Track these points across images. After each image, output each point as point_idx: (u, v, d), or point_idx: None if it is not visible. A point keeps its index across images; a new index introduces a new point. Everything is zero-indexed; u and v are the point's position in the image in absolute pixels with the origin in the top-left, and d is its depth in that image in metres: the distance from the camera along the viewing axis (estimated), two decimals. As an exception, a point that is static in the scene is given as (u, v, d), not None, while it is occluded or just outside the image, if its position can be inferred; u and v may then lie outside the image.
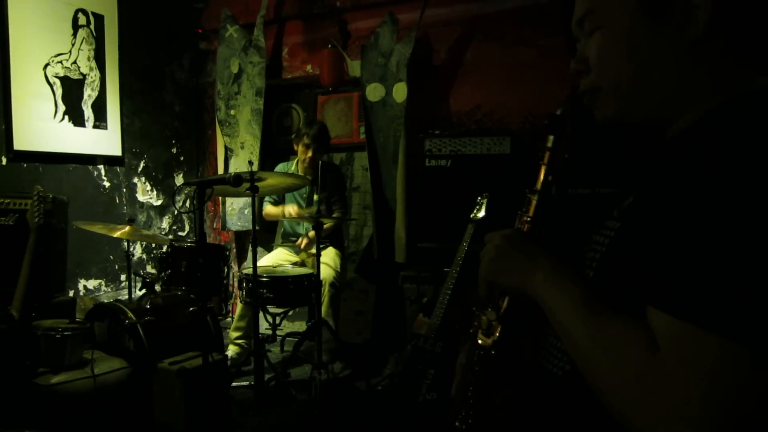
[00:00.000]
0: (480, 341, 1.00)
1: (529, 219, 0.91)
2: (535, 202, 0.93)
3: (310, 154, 3.46)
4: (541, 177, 0.92)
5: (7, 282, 2.70)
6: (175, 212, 4.49)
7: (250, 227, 4.38)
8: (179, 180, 4.54)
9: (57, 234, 3.00)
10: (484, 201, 3.01)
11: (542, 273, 0.78)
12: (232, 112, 4.34)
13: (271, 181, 2.75)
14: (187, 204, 4.58)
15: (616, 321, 0.67)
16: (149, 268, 4.17)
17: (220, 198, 4.33)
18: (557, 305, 0.74)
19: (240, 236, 4.57)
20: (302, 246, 3.47)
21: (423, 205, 3.49)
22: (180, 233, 4.54)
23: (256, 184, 2.65)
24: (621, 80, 0.80)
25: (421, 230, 3.52)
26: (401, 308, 3.42)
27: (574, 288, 0.74)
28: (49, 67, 3.55)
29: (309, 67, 4.30)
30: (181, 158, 4.56)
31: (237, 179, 2.26)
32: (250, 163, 2.71)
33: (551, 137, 0.91)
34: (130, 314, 2.80)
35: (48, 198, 2.83)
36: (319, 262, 2.93)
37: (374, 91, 3.79)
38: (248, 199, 4.22)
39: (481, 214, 3.00)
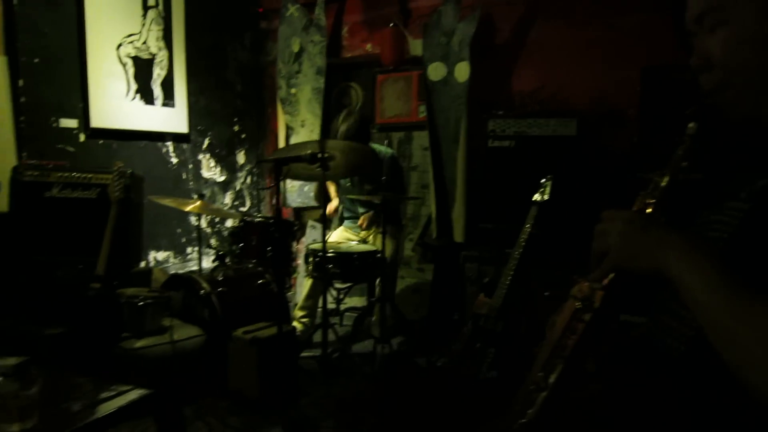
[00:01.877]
0: (578, 306, 1.02)
1: (653, 202, 0.91)
2: (664, 185, 0.92)
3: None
4: (677, 162, 0.90)
5: (90, 252, 2.85)
6: (237, 188, 4.62)
7: (309, 204, 4.50)
8: (241, 157, 4.66)
9: (134, 207, 3.14)
10: (549, 183, 3.01)
11: (677, 251, 0.78)
12: (293, 90, 4.41)
13: (340, 160, 2.80)
14: (248, 180, 4.70)
15: (763, 301, 0.68)
16: (213, 242, 4.32)
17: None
18: (695, 284, 0.74)
19: (298, 213, 4.67)
20: (363, 226, 3.53)
21: (484, 186, 3.50)
22: (241, 209, 4.67)
23: (328, 162, 2.71)
24: (755, 76, 0.80)
25: (481, 210, 3.54)
26: (461, 287, 3.46)
27: (711, 267, 0.74)
28: (121, 47, 3.68)
29: (369, 46, 4.32)
30: (243, 136, 4.67)
31: (313, 157, 2.32)
32: (322, 142, 2.77)
33: (694, 125, 0.89)
34: (205, 285, 2.93)
35: (127, 173, 2.96)
36: (384, 241, 3.00)
37: (436, 71, 3.80)
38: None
39: (546, 196, 3.00)
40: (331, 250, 2.98)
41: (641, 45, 3.31)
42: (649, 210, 0.90)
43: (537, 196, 3.01)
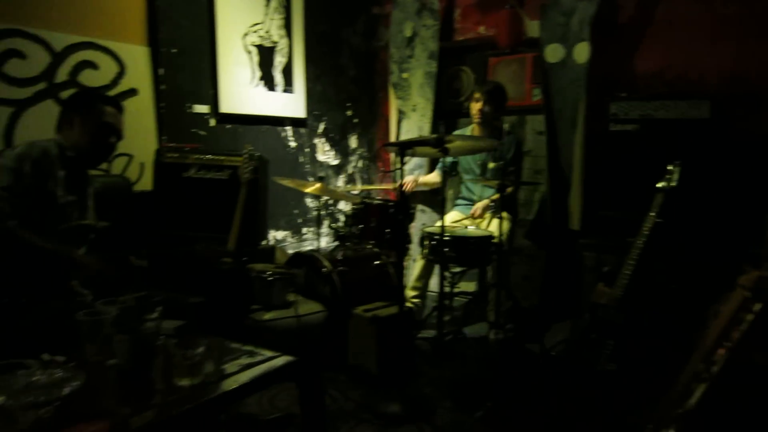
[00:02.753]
0: (747, 296, 0.98)
1: None
2: None
3: (480, 106, 3.47)
4: None
5: (222, 229, 3.06)
6: (349, 171, 4.77)
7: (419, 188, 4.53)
8: (353, 141, 4.79)
9: (261, 188, 3.33)
10: (677, 170, 2.88)
11: None
12: (405, 75, 4.46)
13: (458, 143, 2.81)
14: (359, 164, 4.83)
15: None
16: (336, 223, 4.49)
17: (391, 159, 4.51)
18: None
19: (406, 196, 4.74)
20: (476, 214, 3.53)
21: (604, 172, 3.38)
22: (353, 192, 4.81)
23: (446, 146, 2.73)
24: None
25: (600, 198, 3.43)
26: (577, 276, 3.38)
27: None
28: (247, 36, 3.89)
29: (482, 29, 4.28)
30: (355, 120, 4.80)
31: (439, 142, 2.36)
32: (439, 124, 2.79)
33: None
34: (326, 263, 3.06)
35: (256, 156, 3.13)
36: (500, 226, 2.99)
37: (553, 52, 3.70)
38: (418, 161, 4.41)
39: (673, 183, 2.87)
40: (447, 234, 3.00)
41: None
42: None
43: (663, 183, 2.88)
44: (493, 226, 3.29)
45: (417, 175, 4.06)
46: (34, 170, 2.10)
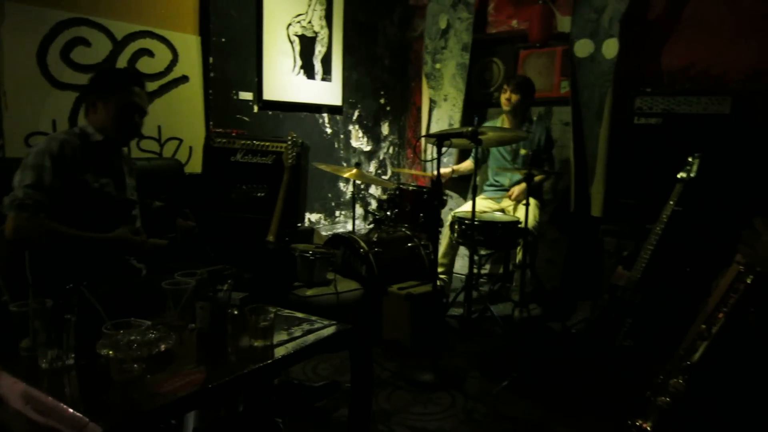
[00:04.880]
0: (741, 270, 1.20)
1: None
2: None
3: (508, 95, 3.70)
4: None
5: (266, 211, 3.29)
6: (381, 157, 4.98)
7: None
8: (385, 128, 4.99)
9: (303, 173, 3.56)
10: (696, 161, 3.03)
11: None
12: (438, 65, 4.64)
13: (491, 134, 3.01)
14: (390, 150, 5.04)
15: None
16: (358, 207, 4.72)
17: (422, 146, 4.71)
18: None
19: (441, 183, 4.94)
20: (513, 196, 3.73)
21: (627, 163, 3.55)
22: (383, 177, 5.03)
23: (480, 137, 2.93)
24: None
25: (622, 186, 3.60)
26: (598, 260, 3.57)
27: None
28: (290, 26, 4.10)
29: (514, 22, 4.43)
30: (387, 108, 5.00)
31: (474, 134, 2.56)
32: (476, 118, 2.99)
33: None
34: (363, 245, 3.29)
35: (299, 142, 3.35)
36: (527, 212, 3.19)
37: (583, 47, 3.85)
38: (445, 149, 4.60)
39: (693, 174, 3.03)
40: (477, 219, 3.21)
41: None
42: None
43: (683, 174, 3.04)
44: (520, 212, 3.49)
45: (451, 164, 4.27)
46: (54, 164, 2.08)
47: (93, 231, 2.17)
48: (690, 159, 3.05)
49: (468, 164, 4.16)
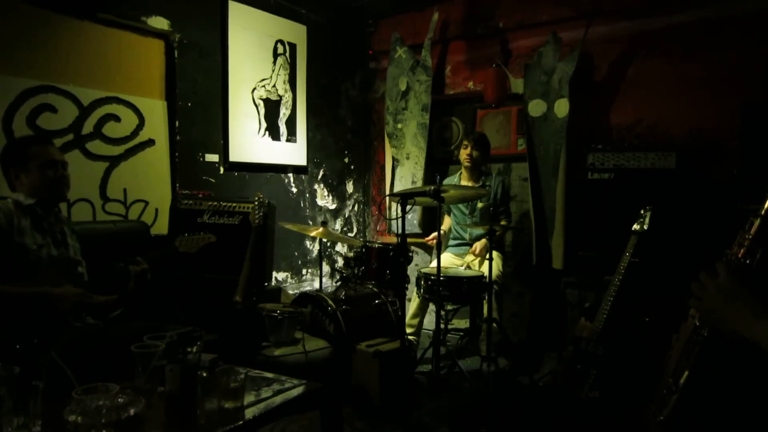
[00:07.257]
0: (698, 324, 1.27)
1: (749, 239, 1.16)
2: (757, 225, 1.17)
3: (469, 152, 3.83)
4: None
5: (233, 271, 3.29)
6: (346, 215, 5.05)
7: (414, 231, 4.82)
8: (350, 187, 5.09)
9: (270, 233, 3.58)
10: (648, 214, 3.17)
11: (752, 321, 1.04)
12: (399, 125, 4.80)
13: (452, 192, 3.12)
14: (356, 208, 5.12)
15: None
16: (324, 264, 4.74)
17: (387, 204, 4.81)
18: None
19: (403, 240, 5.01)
20: (476, 252, 3.81)
21: (583, 216, 3.69)
22: (349, 234, 5.08)
23: (442, 195, 3.03)
24: None
25: (580, 239, 3.73)
26: (561, 312, 3.65)
27: None
28: (255, 90, 4.21)
29: (470, 84, 4.65)
30: (352, 167, 5.11)
31: (436, 192, 2.65)
32: (437, 176, 3.09)
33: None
34: (331, 303, 3.30)
35: (265, 202, 3.39)
36: (491, 266, 3.27)
37: (536, 107, 4.05)
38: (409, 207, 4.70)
39: (645, 226, 3.17)
40: (442, 275, 3.27)
41: (740, 79, 3.44)
42: (743, 251, 1.15)
43: (636, 226, 3.17)
44: (484, 267, 3.57)
45: (415, 220, 4.36)
46: None
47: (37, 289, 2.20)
48: (642, 212, 3.19)
49: (448, 221, 4.25)
